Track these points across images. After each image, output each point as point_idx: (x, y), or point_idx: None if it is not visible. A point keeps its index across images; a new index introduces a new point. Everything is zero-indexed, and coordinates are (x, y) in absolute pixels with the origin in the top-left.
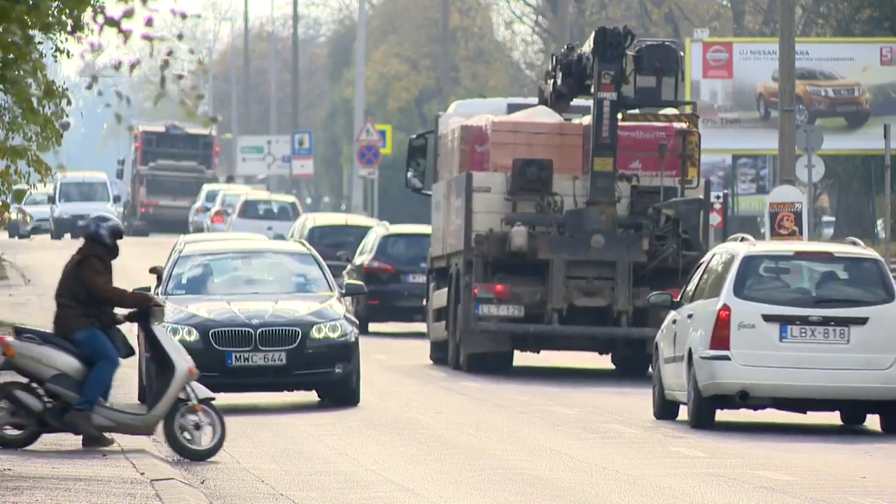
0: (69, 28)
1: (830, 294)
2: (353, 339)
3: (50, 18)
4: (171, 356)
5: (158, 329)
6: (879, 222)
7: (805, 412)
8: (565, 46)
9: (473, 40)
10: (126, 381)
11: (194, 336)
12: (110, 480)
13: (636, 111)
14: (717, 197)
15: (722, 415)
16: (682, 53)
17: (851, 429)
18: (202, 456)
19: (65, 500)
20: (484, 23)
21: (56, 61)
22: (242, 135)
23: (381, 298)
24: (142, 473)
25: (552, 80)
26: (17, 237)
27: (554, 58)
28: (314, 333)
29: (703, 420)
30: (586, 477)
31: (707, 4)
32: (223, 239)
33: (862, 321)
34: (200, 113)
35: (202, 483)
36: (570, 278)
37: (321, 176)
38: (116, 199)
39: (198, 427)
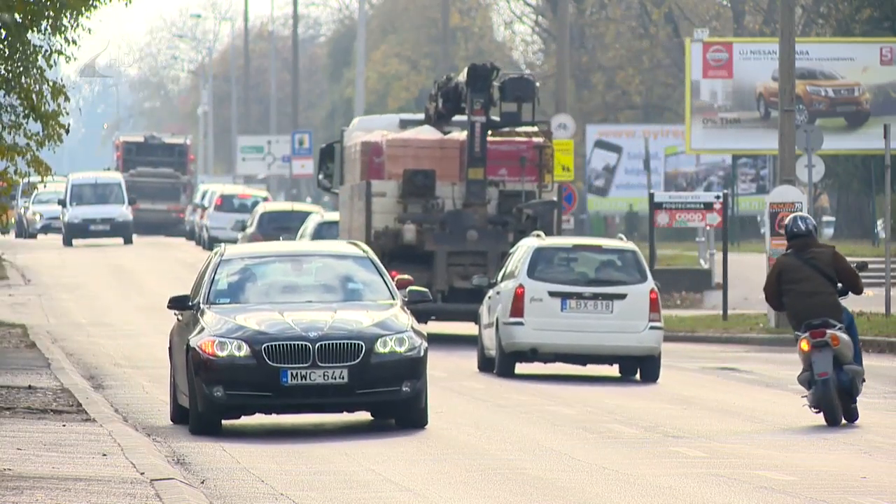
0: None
1: (599, 276)
2: (421, 353)
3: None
4: None
5: None
6: (879, 222)
7: (585, 365)
8: (444, 76)
9: (473, 40)
10: (128, 382)
11: (245, 351)
12: (110, 480)
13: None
14: (717, 197)
15: (521, 367)
16: (538, 84)
17: (630, 379)
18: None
19: (65, 500)
20: (484, 23)
21: (55, 64)
22: (242, 135)
23: None
24: (142, 473)
25: (434, 104)
26: (23, 236)
27: (436, 84)
28: (379, 347)
29: (505, 371)
30: (586, 477)
31: (707, 4)
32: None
33: (622, 296)
34: (200, 113)
35: (202, 483)
36: (451, 265)
37: None
38: (132, 202)
39: None
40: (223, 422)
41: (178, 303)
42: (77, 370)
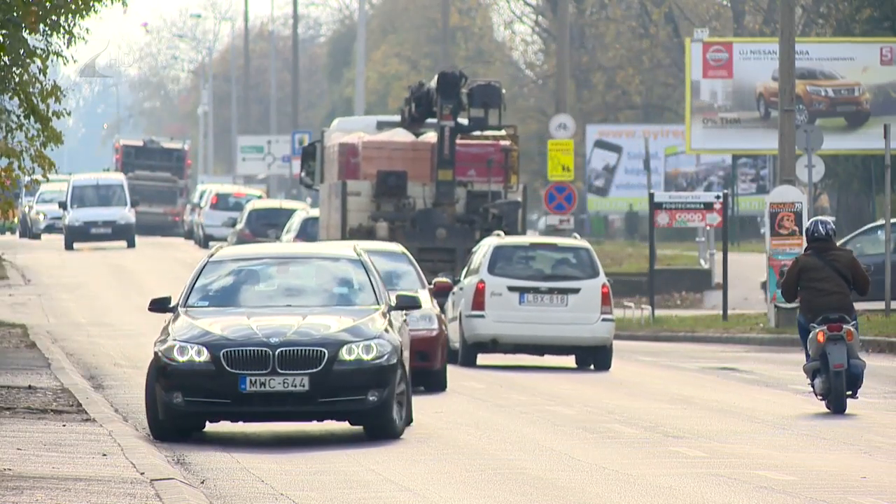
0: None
1: (555, 272)
2: (392, 361)
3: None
4: None
5: None
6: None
7: (542, 355)
8: (417, 83)
9: (473, 40)
10: (128, 382)
11: (204, 356)
12: (110, 480)
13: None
14: (717, 197)
15: (483, 358)
16: (503, 90)
17: (587, 369)
18: None
19: (65, 500)
20: (484, 23)
21: (53, 64)
22: (242, 135)
23: None
24: (142, 473)
25: (408, 107)
26: (27, 236)
27: (410, 90)
28: (344, 354)
29: (468, 360)
30: (586, 477)
31: (707, 4)
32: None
33: (576, 291)
34: (200, 113)
35: (202, 483)
36: (421, 261)
37: None
38: (134, 204)
39: None
40: (205, 429)
41: (158, 305)
42: (77, 370)
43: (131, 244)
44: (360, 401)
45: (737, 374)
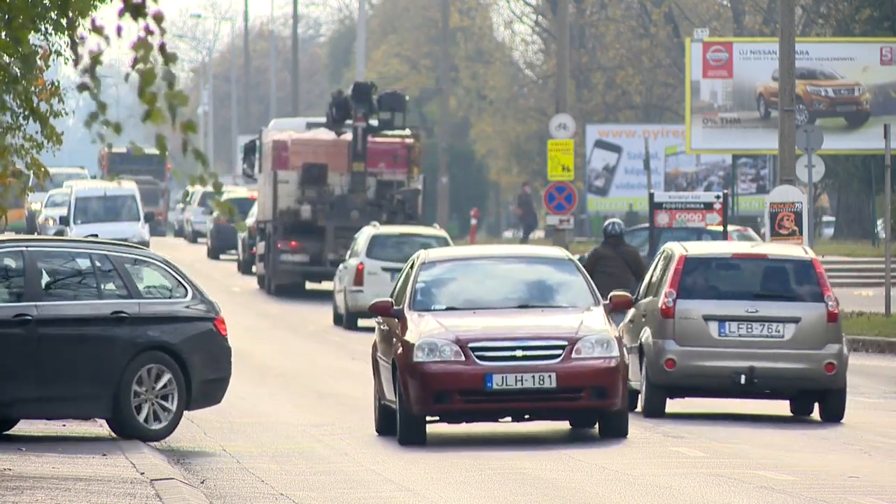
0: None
1: None
2: None
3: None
4: None
5: None
6: (879, 222)
7: None
8: (337, 91)
9: (473, 40)
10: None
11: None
12: (110, 480)
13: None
14: (717, 197)
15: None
16: (407, 97)
17: None
18: None
19: (65, 500)
20: (484, 23)
21: (53, 62)
22: (242, 135)
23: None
24: (142, 473)
25: (330, 111)
26: None
27: (331, 96)
28: None
29: (350, 325)
30: (586, 477)
31: (707, 4)
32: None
33: None
34: (200, 113)
35: (202, 483)
36: (338, 238)
37: None
38: (148, 218)
39: None
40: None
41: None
42: None
43: None
44: None
45: None
